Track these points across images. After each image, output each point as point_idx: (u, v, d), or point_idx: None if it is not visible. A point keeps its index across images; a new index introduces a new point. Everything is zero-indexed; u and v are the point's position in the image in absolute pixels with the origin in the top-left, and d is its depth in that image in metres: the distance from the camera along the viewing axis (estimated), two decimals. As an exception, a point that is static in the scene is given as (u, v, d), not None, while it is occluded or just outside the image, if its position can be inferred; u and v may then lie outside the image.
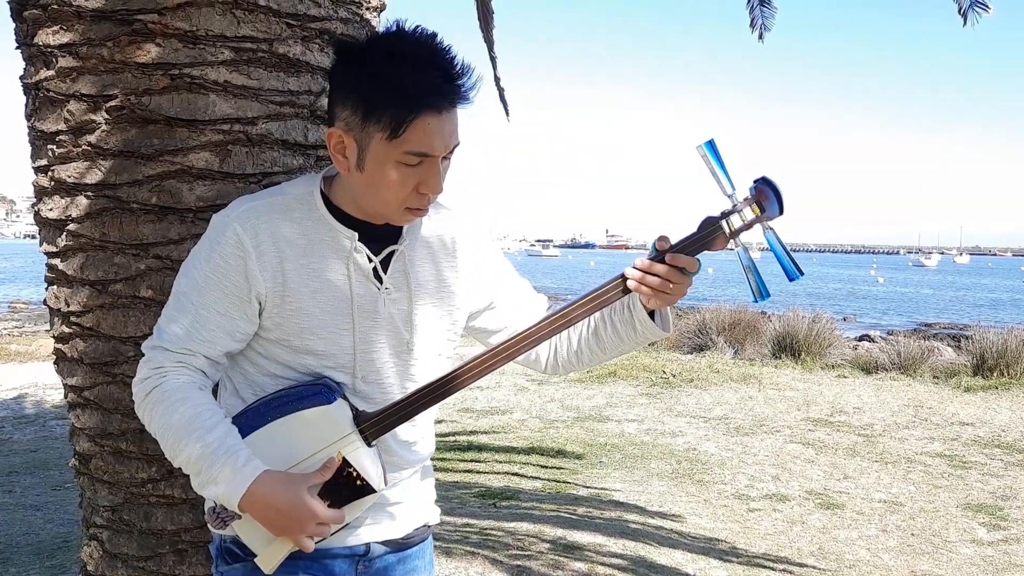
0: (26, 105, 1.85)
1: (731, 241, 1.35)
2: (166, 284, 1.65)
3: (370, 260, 1.38)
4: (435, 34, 1.30)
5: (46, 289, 1.89)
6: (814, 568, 4.07)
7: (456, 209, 1.52)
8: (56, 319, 1.87)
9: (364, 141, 1.30)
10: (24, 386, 8.59)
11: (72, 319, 1.81)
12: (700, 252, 1.37)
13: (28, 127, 1.85)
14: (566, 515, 4.67)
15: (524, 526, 4.42)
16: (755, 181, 1.34)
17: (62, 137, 1.74)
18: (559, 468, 5.83)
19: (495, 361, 1.39)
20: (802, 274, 1.33)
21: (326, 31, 1.79)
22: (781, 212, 1.33)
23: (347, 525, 1.38)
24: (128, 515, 1.82)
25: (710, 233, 1.35)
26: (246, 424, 1.34)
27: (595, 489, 5.31)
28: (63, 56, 1.71)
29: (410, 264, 1.42)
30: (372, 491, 1.35)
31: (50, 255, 1.84)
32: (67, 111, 1.72)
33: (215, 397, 1.40)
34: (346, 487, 1.34)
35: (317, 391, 1.35)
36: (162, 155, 1.69)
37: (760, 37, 4.39)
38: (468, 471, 5.68)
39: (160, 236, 1.71)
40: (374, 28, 1.91)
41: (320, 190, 1.39)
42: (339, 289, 1.36)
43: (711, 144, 1.33)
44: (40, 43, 1.74)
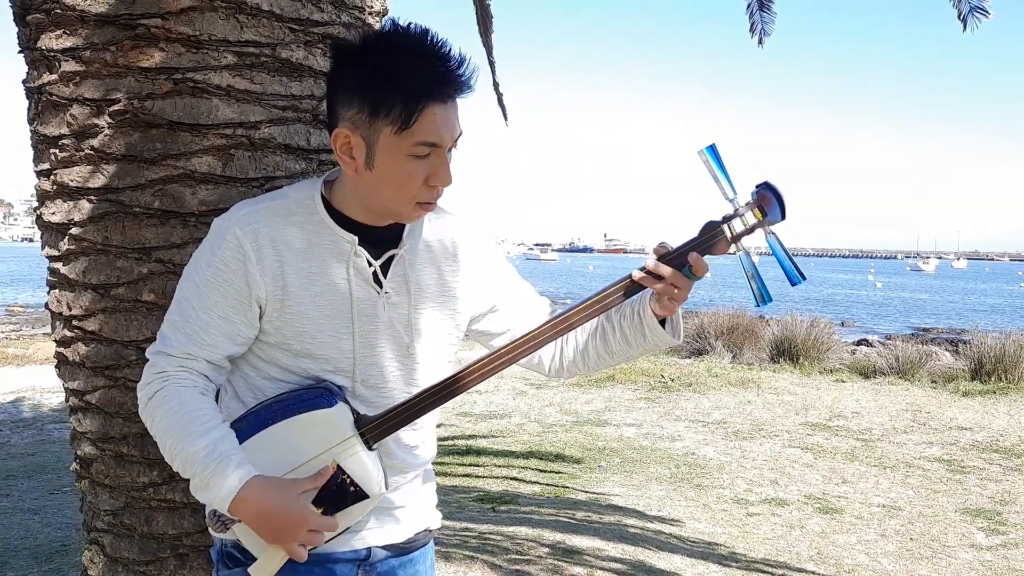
0: (28, 109, 1.85)
1: (733, 245, 1.36)
2: (168, 288, 1.66)
3: (370, 264, 1.38)
4: (428, 29, 1.32)
5: (48, 293, 1.89)
6: (813, 573, 4.07)
7: (457, 214, 1.53)
8: (58, 323, 1.87)
9: (372, 138, 1.31)
10: (22, 389, 8.57)
11: (74, 323, 1.81)
12: (703, 256, 1.37)
13: (30, 131, 1.85)
14: (565, 519, 4.67)
15: (523, 530, 4.42)
16: (757, 186, 1.34)
17: (65, 141, 1.74)
18: (558, 472, 5.83)
19: (497, 364, 1.39)
20: (804, 278, 1.34)
21: (329, 35, 1.79)
22: (783, 217, 1.33)
23: (348, 529, 1.38)
24: (129, 519, 1.82)
25: (712, 237, 1.36)
26: (247, 428, 1.34)
27: (594, 493, 5.31)
28: (66, 60, 1.71)
29: (410, 268, 1.42)
30: (366, 497, 1.35)
31: (52, 259, 1.84)
32: (70, 115, 1.72)
33: (217, 402, 1.41)
34: (340, 494, 1.34)
35: (318, 395, 1.35)
36: (165, 159, 1.69)
37: (760, 42, 4.39)
38: (467, 475, 5.67)
39: (162, 240, 1.71)
40: (376, 33, 1.92)
41: (321, 194, 1.39)
42: (339, 293, 1.37)
43: (712, 149, 1.33)
44: (43, 47, 1.74)
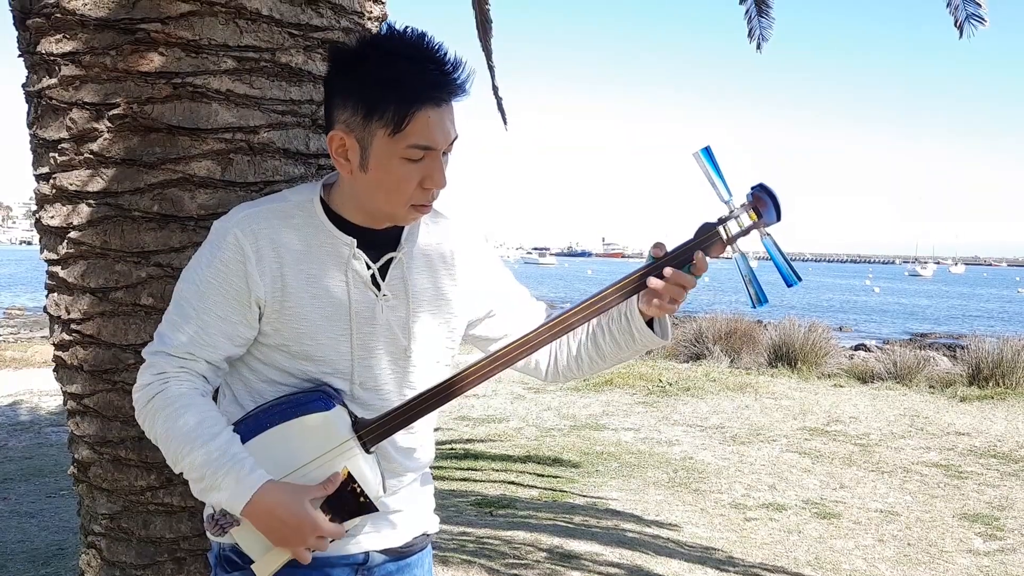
0: (28, 113, 1.86)
1: (728, 247, 1.36)
2: (167, 292, 1.66)
3: (368, 267, 1.39)
4: (424, 33, 1.33)
5: (46, 296, 1.89)
6: (811, 577, 4.07)
7: (454, 218, 1.53)
8: (56, 326, 1.87)
9: (367, 140, 1.32)
10: (19, 393, 8.56)
11: (72, 326, 1.81)
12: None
13: (30, 135, 1.85)
14: (563, 524, 4.67)
15: (520, 535, 4.41)
16: (752, 187, 1.34)
17: (64, 145, 1.75)
18: (555, 477, 5.82)
19: (494, 367, 1.39)
20: (800, 280, 1.33)
21: (328, 41, 1.80)
22: (779, 218, 1.33)
23: (346, 533, 1.38)
24: (127, 523, 1.82)
25: (707, 239, 1.35)
26: (245, 430, 1.34)
27: (591, 498, 5.31)
28: (66, 64, 1.72)
29: (408, 272, 1.42)
30: (374, 509, 1.36)
31: (51, 262, 1.84)
32: (69, 119, 1.73)
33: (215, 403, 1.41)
34: (349, 502, 1.34)
35: (316, 398, 1.35)
36: (164, 163, 1.69)
37: (758, 47, 4.40)
38: (464, 479, 5.67)
39: (161, 244, 1.72)
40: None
41: (320, 197, 1.40)
42: (337, 295, 1.37)
43: (707, 151, 1.33)
44: (43, 51, 1.75)
